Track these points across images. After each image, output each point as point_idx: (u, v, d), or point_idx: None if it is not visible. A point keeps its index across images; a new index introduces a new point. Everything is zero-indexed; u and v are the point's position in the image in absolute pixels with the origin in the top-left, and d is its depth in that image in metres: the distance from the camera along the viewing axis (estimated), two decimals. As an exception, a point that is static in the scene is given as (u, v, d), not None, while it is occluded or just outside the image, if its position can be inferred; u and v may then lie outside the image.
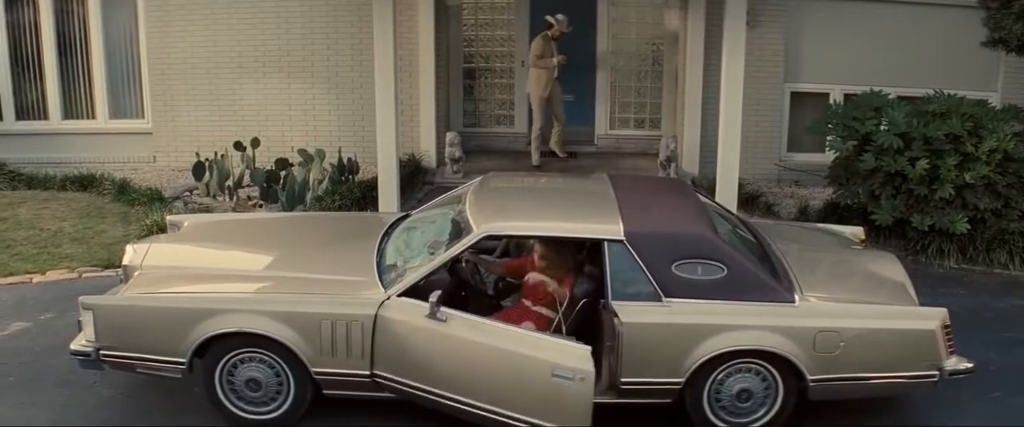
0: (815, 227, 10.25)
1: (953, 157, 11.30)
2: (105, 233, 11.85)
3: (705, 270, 7.39)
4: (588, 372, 6.88)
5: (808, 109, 14.37)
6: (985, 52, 13.08)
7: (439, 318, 7.16)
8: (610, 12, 15.30)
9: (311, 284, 7.70)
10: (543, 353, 6.99)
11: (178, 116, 14.71)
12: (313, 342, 7.36)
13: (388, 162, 11.72)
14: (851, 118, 12.04)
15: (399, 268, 7.73)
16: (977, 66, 14.01)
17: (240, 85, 14.58)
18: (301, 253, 8.47)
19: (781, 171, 14.50)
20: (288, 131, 14.55)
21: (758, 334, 7.29)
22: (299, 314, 7.38)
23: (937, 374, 7.47)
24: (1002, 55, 13.41)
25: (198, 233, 9.05)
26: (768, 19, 13.81)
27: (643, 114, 15.67)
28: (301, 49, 14.49)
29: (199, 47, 14.52)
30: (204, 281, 7.88)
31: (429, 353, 7.23)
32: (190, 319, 7.41)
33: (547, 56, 13.99)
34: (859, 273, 8.33)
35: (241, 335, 7.40)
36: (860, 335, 7.34)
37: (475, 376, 7.12)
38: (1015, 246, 11.53)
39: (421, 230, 8.40)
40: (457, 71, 15.66)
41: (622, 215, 7.64)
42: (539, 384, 6.94)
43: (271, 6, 14.39)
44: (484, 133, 15.79)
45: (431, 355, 7.22)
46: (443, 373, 7.22)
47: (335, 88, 14.57)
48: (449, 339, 7.15)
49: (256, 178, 13.01)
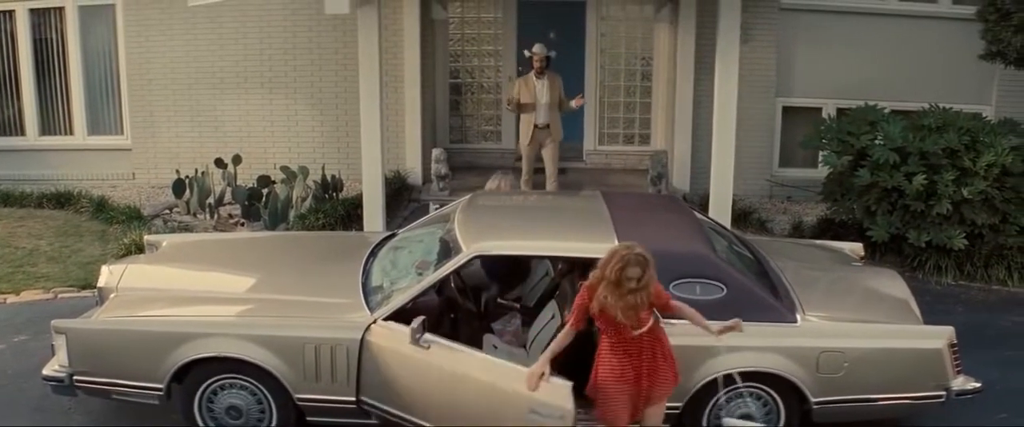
0: (813, 244, 10.01)
1: (950, 172, 11.11)
2: (82, 252, 11.60)
3: (703, 289, 7.15)
4: (567, 411, 6.33)
5: (800, 124, 14.21)
6: (979, 66, 12.98)
7: (421, 345, 6.88)
8: (599, 27, 15.13)
9: (294, 307, 7.45)
10: (522, 387, 6.50)
11: (158, 132, 14.51)
12: (296, 367, 7.09)
13: (373, 179, 11.47)
14: (846, 132, 11.86)
15: (386, 290, 7.49)
16: (971, 80, 13.90)
17: (221, 101, 14.40)
18: (283, 274, 8.22)
19: (773, 187, 14.35)
20: (270, 148, 14.38)
21: (759, 355, 7.06)
22: (281, 338, 7.12)
23: (944, 394, 7.27)
24: (996, 69, 13.33)
25: (177, 253, 8.79)
26: (759, 33, 13.62)
27: (632, 130, 15.48)
28: (283, 64, 14.32)
29: (179, 62, 14.35)
30: (182, 304, 7.62)
31: (413, 381, 6.97)
32: (167, 343, 7.14)
33: (522, 99, 12.66)
34: (861, 291, 8.10)
35: (221, 360, 7.14)
36: (865, 355, 7.12)
37: (454, 408, 6.83)
38: (1014, 262, 11.37)
39: (408, 250, 8.17)
40: (443, 86, 15.47)
41: (617, 233, 7.39)
42: (517, 420, 6.54)
43: (253, 21, 14.21)
44: (471, 149, 15.58)
45: (415, 383, 6.97)
46: (426, 402, 6.96)
47: (318, 104, 14.38)
48: (431, 368, 6.87)
49: (238, 196, 12.77)
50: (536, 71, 12.59)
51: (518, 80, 12.87)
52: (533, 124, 12.64)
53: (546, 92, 12.58)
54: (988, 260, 11.42)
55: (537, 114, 12.61)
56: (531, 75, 12.67)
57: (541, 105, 12.58)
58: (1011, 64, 11.92)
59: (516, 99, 12.60)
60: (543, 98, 12.58)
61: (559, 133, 12.85)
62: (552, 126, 12.69)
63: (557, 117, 12.75)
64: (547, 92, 12.58)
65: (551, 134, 12.71)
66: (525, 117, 12.74)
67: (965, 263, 11.41)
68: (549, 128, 12.69)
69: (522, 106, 12.64)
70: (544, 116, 12.63)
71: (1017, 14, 11.34)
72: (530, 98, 12.58)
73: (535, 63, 12.55)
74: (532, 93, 12.58)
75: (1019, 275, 11.32)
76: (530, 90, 12.58)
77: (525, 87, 12.62)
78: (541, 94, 12.58)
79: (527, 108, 12.64)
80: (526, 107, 12.63)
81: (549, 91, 12.58)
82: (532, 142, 12.73)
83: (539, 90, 12.57)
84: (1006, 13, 11.54)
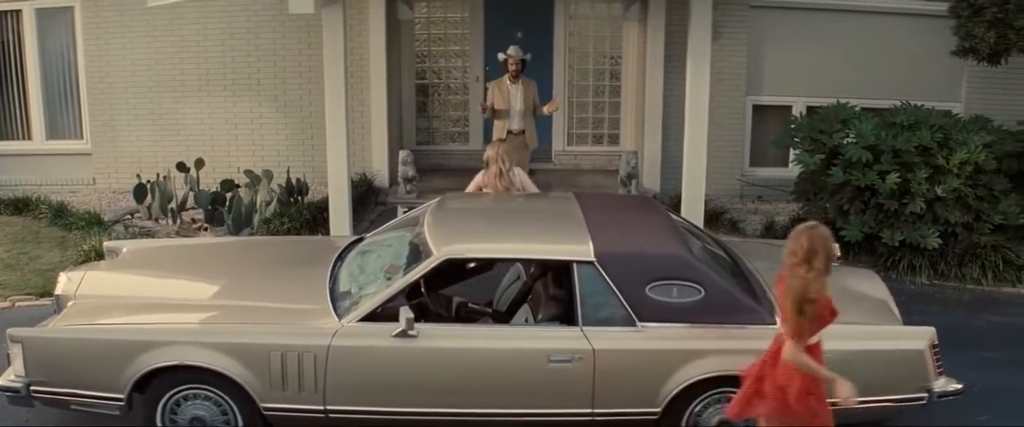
0: (788, 244, 9.85)
1: (924, 170, 11.02)
2: (40, 259, 11.35)
3: (681, 292, 7.01)
4: (586, 350, 6.80)
5: (770, 122, 14.16)
6: (949, 63, 12.96)
7: (411, 334, 6.81)
8: (567, 27, 15.02)
9: (259, 313, 7.25)
10: (533, 342, 6.91)
11: (119, 136, 14.26)
12: (262, 376, 6.90)
13: (339, 182, 11.27)
14: (818, 131, 11.75)
15: (354, 295, 7.32)
16: (941, 77, 13.88)
17: (183, 104, 14.17)
18: (248, 280, 8.01)
19: (744, 186, 14.26)
20: (234, 151, 14.16)
21: (738, 359, 6.85)
22: (246, 345, 6.92)
23: (926, 396, 7.15)
24: (966, 66, 13.34)
25: (138, 259, 8.56)
26: (729, 31, 13.52)
27: (602, 130, 15.37)
28: (247, 66, 14.10)
29: (140, 65, 14.10)
30: (143, 311, 7.40)
31: (401, 372, 6.89)
32: (128, 352, 6.92)
33: (496, 104, 12.29)
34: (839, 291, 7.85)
35: (184, 369, 6.93)
36: (846, 357, 6.91)
37: (464, 382, 6.92)
38: (987, 261, 11.30)
39: (376, 254, 7.99)
40: (410, 87, 15.31)
41: (591, 235, 7.24)
42: (538, 373, 6.83)
43: (215, 22, 13.98)
44: (438, 151, 15.42)
45: (403, 374, 6.88)
46: (420, 389, 6.92)
47: (283, 106, 14.18)
48: (426, 352, 6.87)
49: (201, 200, 12.55)
50: (511, 75, 12.25)
51: (492, 84, 12.52)
52: (507, 130, 12.31)
53: (520, 97, 12.26)
54: (962, 259, 11.35)
55: (511, 120, 12.29)
56: (505, 79, 12.33)
57: (515, 111, 12.27)
58: (984, 60, 11.87)
59: (491, 105, 12.27)
60: (517, 104, 12.26)
61: (534, 140, 12.58)
62: (527, 132, 12.39)
63: (532, 123, 12.46)
64: (521, 97, 12.27)
65: (525, 140, 12.43)
66: (499, 123, 12.39)
67: (939, 262, 11.33)
68: (524, 134, 12.38)
69: (496, 112, 12.31)
70: (518, 122, 12.32)
71: (989, 9, 11.28)
72: (504, 103, 12.25)
73: (510, 66, 12.21)
74: (506, 98, 12.25)
75: (993, 274, 11.25)
76: (504, 95, 12.25)
77: (498, 91, 12.27)
78: (515, 99, 12.25)
79: (501, 114, 12.29)
80: (500, 113, 12.29)
81: (524, 96, 12.28)
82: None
83: (513, 95, 12.26)
84: (979, 8, 11.48)
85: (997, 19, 11.23)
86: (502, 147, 9.88)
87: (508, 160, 9.74)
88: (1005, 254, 11.42)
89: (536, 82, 12.59)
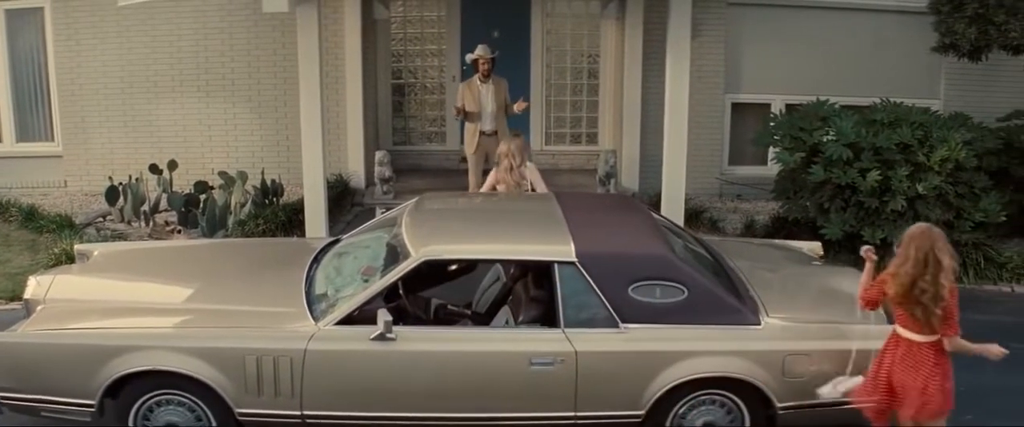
0: (771, 243, 9.80)
1: (904, 168, 10.95)
2: (10, 262, 11.20)
3: (664, 292, 6.92)
4: (568, 353, 6.70)
5: (749, 121, 14.10)
6: (927, 59, 12.93)
7: (389, 338, 6.70)
8: (544, 25, 14.90)
9: (234, 317, 7.12)
10: (516, 345, 6.82)
11: (90, 138, 14.08)
12: (237, 380, 6.77)
13: (315, 183, 11.13)
14: (798, 128, 11.66)
15: (330, 297, 7.19)
16: (919, 74, 13.86)
17: (156, 105, 14.00)
18: (222, 283, 7.86)
19: (723, 185, 14.18)
20: (208, 152, 14.00)
21: (723, 360, 6.84)
22: (221, 350, 6.80)
23: None
24: (944, 63, 13.32)
25: (109, 263, 8.39)
26: (708, 29, 13.43)
27: (579, 129, 15.26)
28: (220, 66, 13.94)
29: (112, 65, 13.93)
30: (115, 315, 7.24)
31: (380, 376, 6.78)
32: (99, 357, 6.79)
33: (467, 106, 12.10)
34: (824, 291, 7.88)
35: (157, 374, 6.80)
36: (832, 357, 6.89)
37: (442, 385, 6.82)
38: (969, 258, 11.24)
39: (353, 256, 7.87)
40: (386, 87, 15.13)
41: (572, 235, 7.14)
42: (519, 376, 6.73)
43: (188, 22, 13.83)
44: (415, 151, 15.26)
45: (382, 377, 6.78)
46: (398, 392, 6.80)
47: (257, 107, 14.02)
48: (404, 356, 6.76)
49: (174, 202, 12.39)
50: (481, 75, 12.09)
51: (461, 85, 12.34)
52: (479, 131, 12.14)
53: (491, 97, 12.10)
54: (943, 257, 11.25)
55: (483, 121, 12.12)
56: (475, 80, 12.16)
57: (487, 112, 12.10)
58: (964, 56, 11.81)
59: (462, 107, 12.08)
60: (489, 104, 12.08)
61: None
62: (499, 133, 12.16)
63: (504, 123, 12.28)
64: (492, 97, 12.10)
65: (498, 141, 12.23)
66: (470, 125, 12.21)
67: (920, 260, 11.22)
68: (497, 135, 12.15)
69: (467, 113, 12.14)
70: (490, 123, 12.15)
71: (970, 5, 11.22)
72: (475, 105, 12.06)
73: (480, 66, 12.05)
74: (477, 99, 12.07)
75: (975, 271, 11.22)
76: (474, 96, 12.07)
77: (469, 93, 12.10)
78: (486, 100, 12.08)
79: (472, 116, 12.11)
80: (471, 115, 12.11)
81: (494, 96, 12.11)
82: (478, 150, 12.22)
83: (484, 95, 12.08)
84: (959, 4, 11.41)
85: (978, 15, 11.17)
86: (515, 142, 9.68)
87: (520, 155, 9.58)
88: (986, 252, 11.39)
89: (508, 81, 12.46)
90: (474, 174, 12.33)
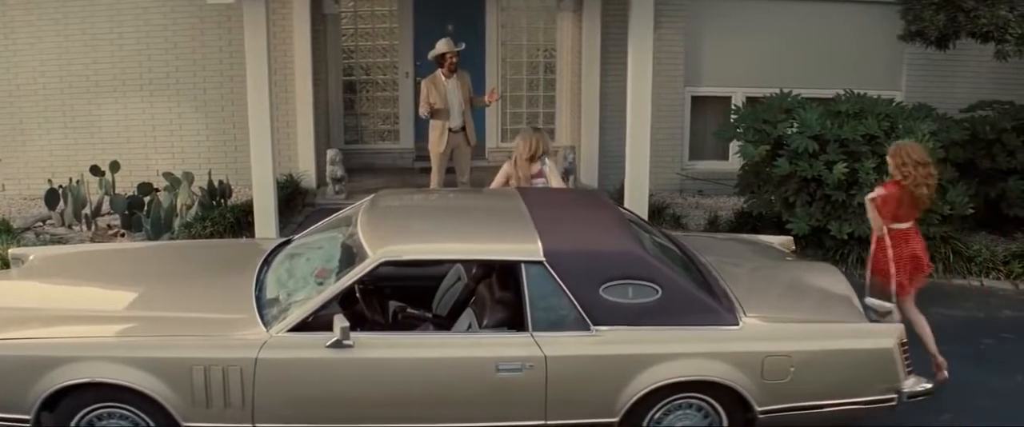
0: (741, 238, 9.48)
1: (871, 159, 10.70)
2: (-57, 271, 10.56)
3: (636, 292, 6.59)
4: (536, 358, 6.42)
5: (709, 114, 13.93)
6: (888, 50, 12.84)
7: (347, 344, 6.33)
8: (499, 18, 14.65)
9: (179, 324, 6.69)
10: (483, 351, 6.49)
11: (28, 141, 13.63)
12: (183, 393, 6.37)
13: (263, 183, 10.75)
14: (762, 121, 11.38)
15: (282, 302, 6.79)
16: (880, 65, 13.72)
17: (97, 105, 13.57)
18: (167, 288, 7.42)
19: (683, 180, 13.93)
20: (152, 153, 13.60)
21: (699, 363, 6.53)
22: (165, 360, 6.38)
23: (896, 397, 6.83)
24: (905, 54, 13.21)
25: (46, 268, 7.92)
26: (666, 20, 13.15)
27: (537, 125, 14.83)
28: (164, 65, 13.54)
29: (50, 65, 13.48)
30: (51, 323, 6.77)
31: (336, 386, 6.42)
32: (34, 369, 6.35)
33: (435, 103, 11.67)
34: (801, 288, 7.59)
35: (97, 386, 6.37)
36: (812, 358, 6.64)
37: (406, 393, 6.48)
38: (937, 253, 11.01)
39: (306, 257, 7.48)
40: (336, 84, 14.80)
41: (539, 233, 6.78)
42: (485, 383, 6.44)
43: (129, 20, 13.42)
44: (368, 150, 14.98)
45: (341, 387, 6.44)
46: (360, 402, 6.49)
47: (203, 106, 13.63)
48: (365, 364, 6.43)
49: (117, 205, 11.96)
50: (446, 70, 11.73)
51: (426, 82, 11.86)
52: (448, 129, 11.79)
53: (458, 93, 11.76)
54: (912, 251, 11.05)
55: (451, 118, 11.78)
56: (439, 75, 11.78)
57: (454, 108, 11.76)
58: (931, 44, 11.62)
59: (433, 104, 11.67)
60: (456, 100, 11.75)
61: (474, 136, 12.08)
62: (467, 129, 11.88)
63: (471, 119, 11.97)
64: (459, 93, 11.77)
65: (467, 138, 11.92)
66: (437, 122, 11.82)
67: (888, 255, 11.02)
68: (465, 131, 11.87)
69: (434, 111, 11.74)
70: (458, 119, 11.81)
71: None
72: (441, 102, 11.70)
73: (447, 61, 11.67)
74: (443, 95, 11.70)
75: (943, 266, 11.00)
76: (440, 92, 11.69)
77: (434, 89, 11.69)
78: (453, 96, 11.74)
79: (439, 114, 11.73)
80: (438, 112, 11.73)
81: (461, 91, 11.78)
82: (446, 148, 11.88)
83: (451, 91, 11.74)
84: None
85: (947, 1, 10.97)
86: (534, 135, 9.17)
87: (539, 146, 9.05)
88: (954, 245, 11.20)
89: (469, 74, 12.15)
90: (437, 173, 11.99)
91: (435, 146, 11.92)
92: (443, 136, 11.81)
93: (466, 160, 12.06)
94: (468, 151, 12.05)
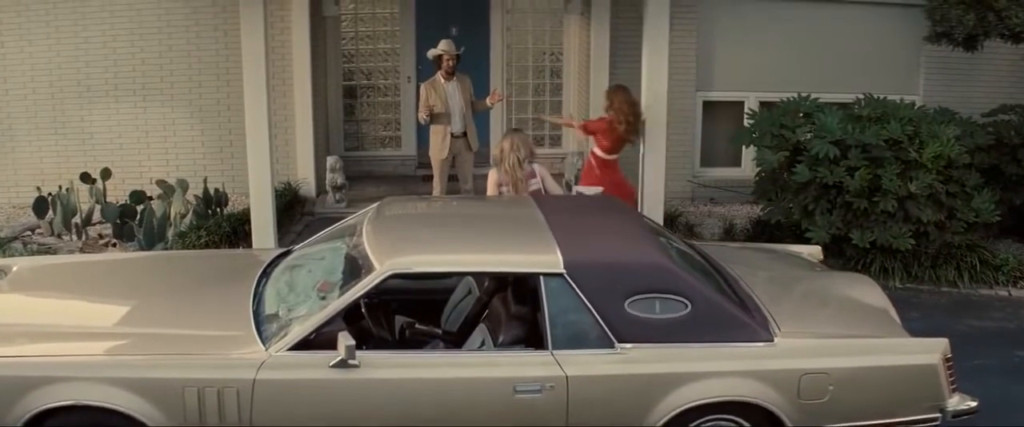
0: (766, 248, 9.04)
1: (895, 165, 10.30)
2: (-74, 284, 10.16)
3: (664, 307, 6.20)
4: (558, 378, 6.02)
5: (721, 120, 13.60)
6: (906, 54, 12.66)
7: (352, 364, 5.95)
8: (504, 21, 14.36)
9: (171, 342, 6.28)
10: (500, 371, 6.10)
11: (18, 147, 13.27)
12: (175, 416, 5.98)
13: (261, 191, 10.40)
14: (780, 126, 10.97)
15: (282, 318, 6.39)
16: (898, 68, 13.42)
17: (89, 111, 13.22)
18: (160, 302, 7.02)
19: (695, 188, 13.58)
20: (145, 160, 13.27)
21: (732, 382, 6.14)
22: (156, 381, 5.99)
23: (940, 416, 6.46)
24: (923, 57, 12.99)
25: (31, 279, 7.53)
26: (678, 23, 12.74)
27: (543, 131, 14.74)
28: (158, 69, 13.19)
29: (41, 69, 13.13)
30: (34, 340, 6.37)
31: (340, 410, 6.05)
32: (15, 389, 5.96)
33: (435, 107, 11.33)
34: (837, 301, 7.19)
35: (82, 409, 5.98)
36: (852, 375, 6.25)
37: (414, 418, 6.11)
38: (963, 262, 10.72)
39: (307, 269, 7.09)
40: (336, 89, 14.49)
41: (559, 243, 6.38)
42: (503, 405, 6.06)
43: (123, 22, 13.07)
44: (368, 157, 14.66)
45: (344, 411, 6.05)
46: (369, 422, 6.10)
47: (198, 111, 13.28)
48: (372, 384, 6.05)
49: (108, 214, 11.58)
50: (445, 72, 11.37)
51: (425, 85, 11.50)
52: (449, 134, 11.43)
53: (459, 96, 11.40)
54: (936, 260, 10.73)
55: (452, 122, 11.42)
56: (438, 78, 11.42)
57: (455, 112, 11.40)
58: (959, 45, 11.28)
59: (432, 108, 11.29)
60: (457, 104, 11.39)
61: (476, 142, 11.72)
62: (469, 134, 11.53)
63: (473, 124, 11.61)
64: (459, 96, 11.41)
65: (468, 143, 11.55)
66: (437, 127, 11.45)
67: (912, 264, 10.69)
68: (466, 137, 11.51)
69: (434, 115, 11.37)
70: (459, 124, 11.46)
71: (968, -11, 10.70)
72: (442, 105, 11.33)
73: (445, 63, 11.33)
74: (443, 99, 11.34)
75: (969, 275, 10.67)
76: (441, 96, 11.33)
77: (434, 93, 11.33)
78: (454, 99, 11.38)
79: (440, 118, 11.37)
80: (439, 116, 11.36)
81: (461, 94, 11.42)
82: (448, 154, 11.52)
83: (451, 95, 11.38)
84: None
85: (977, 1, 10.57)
86: (517, 136, 8.79)
87: (525, 149, 8.70)
88: (981, 254, 10.86)
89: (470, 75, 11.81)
90: (440, 180, 11.63)
91: (437, 152, 11.56)
92: (444, 141, 11.45)
93: (469, 167, 11.70)
94: (470, 157, 11.70)
